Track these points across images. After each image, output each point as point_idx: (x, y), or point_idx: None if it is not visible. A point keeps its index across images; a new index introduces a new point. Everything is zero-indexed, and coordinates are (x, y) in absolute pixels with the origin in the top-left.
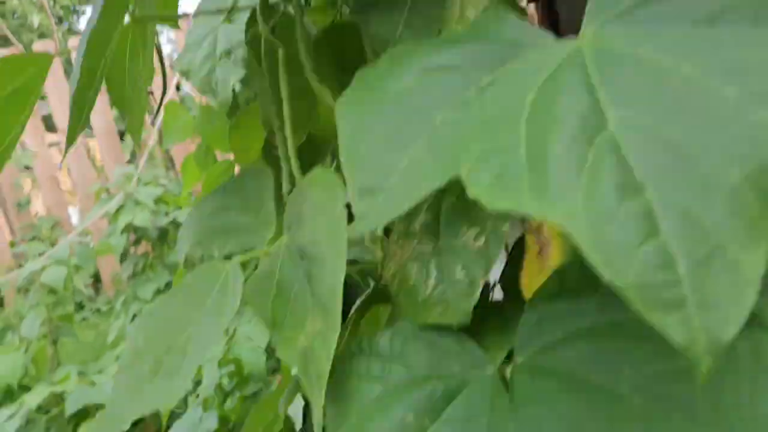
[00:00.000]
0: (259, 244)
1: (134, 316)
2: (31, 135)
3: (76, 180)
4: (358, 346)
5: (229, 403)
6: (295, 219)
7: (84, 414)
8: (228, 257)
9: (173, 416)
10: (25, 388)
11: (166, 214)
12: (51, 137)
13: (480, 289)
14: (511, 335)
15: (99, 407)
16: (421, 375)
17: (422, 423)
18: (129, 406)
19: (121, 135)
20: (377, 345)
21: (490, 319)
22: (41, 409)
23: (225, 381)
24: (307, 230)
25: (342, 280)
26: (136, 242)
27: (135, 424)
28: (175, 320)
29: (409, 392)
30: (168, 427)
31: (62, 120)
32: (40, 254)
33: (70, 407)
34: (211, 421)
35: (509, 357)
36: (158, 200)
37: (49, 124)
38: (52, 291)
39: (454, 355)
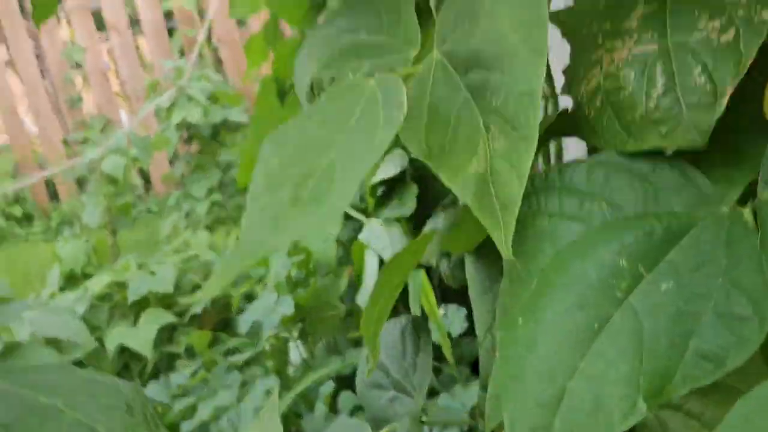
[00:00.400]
0: (401, 65)
1: (187, 213)
2: (81, 29)
3: (126, 79)
4: (543, 180)
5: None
6: (454, 25)
7: (145, 302)
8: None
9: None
10: (87, 276)
11: (222, 108)
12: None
13: (727, 98)
14: (744, 167)
15: (159, 295)
16: (632, 213)
17: (636, 269)
18: (268, 235)
19: (170, 32)
20: (571, 178)
21: (711, 149)
22: (104, 297)
23: (293, 271)
24: (480, 30)
25: (540, 82)
26: (188, 140)
27: (192, 315)
28: (313, 143)
29: (618, 233)
30: (240, 311)
31: (112, 15)
32: (93, 143)
33: (132, 295)
34: (286, 306)
35: (746, 194)
36: (210, 97)
37: (98, 21)
38: (111, 181)
39: (675, 190)
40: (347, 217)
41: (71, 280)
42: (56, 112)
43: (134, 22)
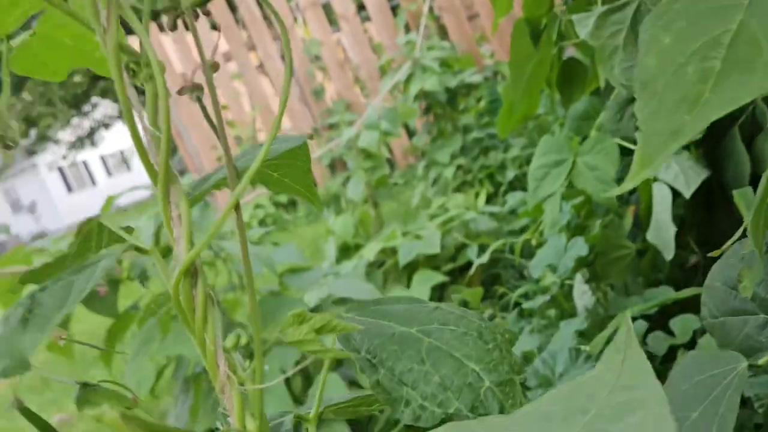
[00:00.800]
0: None
1: (434, 180)
2: (316, 25)
3: (360, 63)
4: None
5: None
6: None
7: (415, 264)
8: None
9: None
10: (357, 246)
11: (454, 74)
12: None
13: None
14: None
15: (427, 257)
16: None
17: None
18: (681, 118)
19: (394, 10)
20: None
21: None
22: (376, 263)
23: (571, 215)
24: None
25: None
26: (426, 110)
27: (450, 272)
28: (709, 12)
29: None
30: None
31: (340, 6)
32: (344, 124)
33: (403, 258)
34: (580, 247)
35: None
36: (442, 63)
37: (328, 14)
38: (367, 156)
39: None
40: (622, 153)
41: (344, 252)
42: (304, 104)
43: (360, 8)
